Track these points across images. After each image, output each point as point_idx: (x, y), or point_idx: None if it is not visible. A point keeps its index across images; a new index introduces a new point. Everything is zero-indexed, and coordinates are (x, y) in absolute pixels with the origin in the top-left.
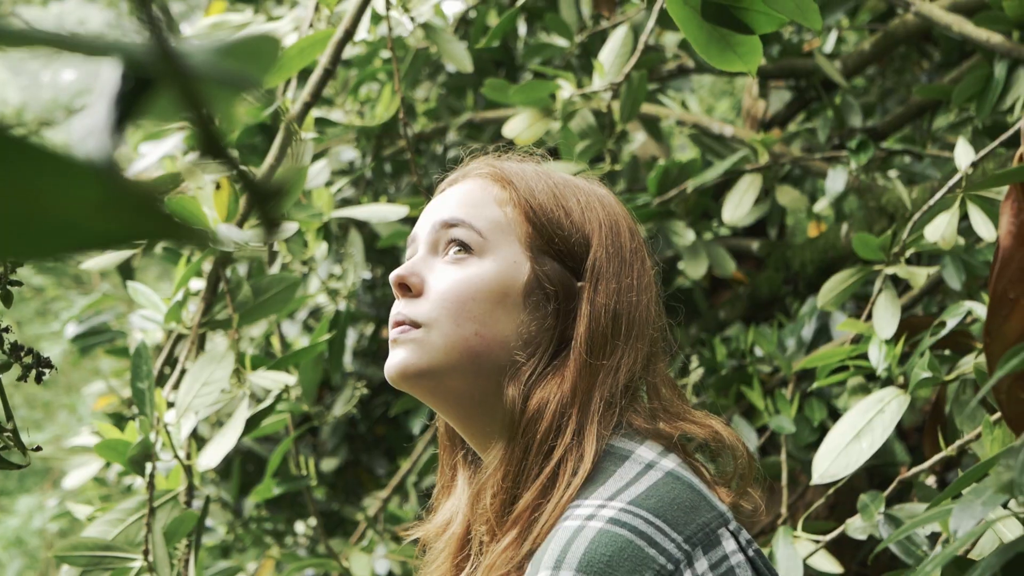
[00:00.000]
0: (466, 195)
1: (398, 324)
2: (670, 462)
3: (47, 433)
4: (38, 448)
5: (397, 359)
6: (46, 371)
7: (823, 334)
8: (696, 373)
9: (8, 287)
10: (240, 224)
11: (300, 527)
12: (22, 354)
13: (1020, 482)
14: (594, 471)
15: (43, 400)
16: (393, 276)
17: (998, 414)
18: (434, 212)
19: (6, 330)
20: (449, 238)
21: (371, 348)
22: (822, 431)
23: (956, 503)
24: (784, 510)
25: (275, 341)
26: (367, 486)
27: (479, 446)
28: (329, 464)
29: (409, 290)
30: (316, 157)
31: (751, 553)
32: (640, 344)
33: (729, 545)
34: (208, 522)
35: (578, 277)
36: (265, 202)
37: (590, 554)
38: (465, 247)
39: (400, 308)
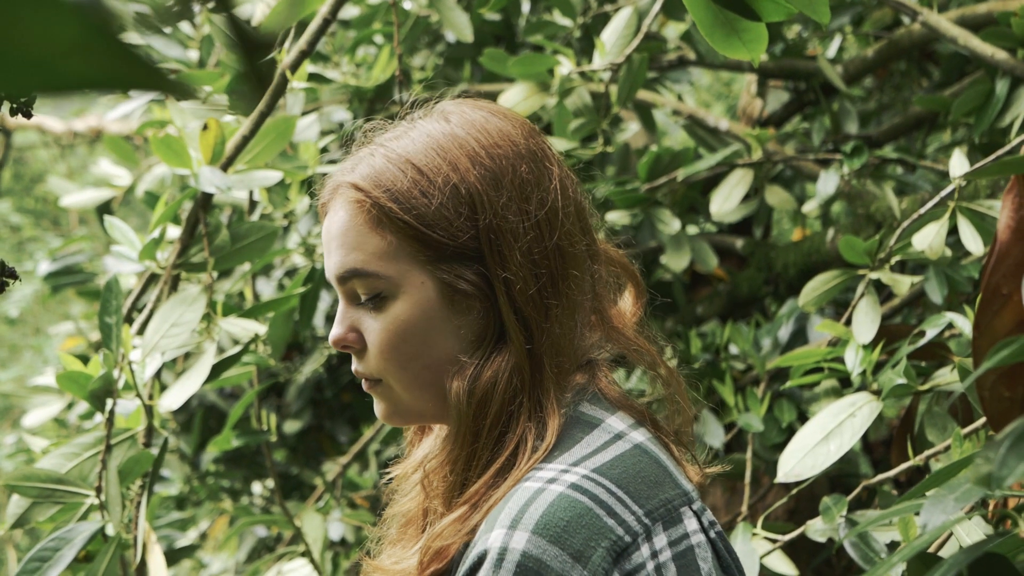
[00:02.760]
0: (344, 235)
1: (360, 377)
2: (640, 435)
3: (11, 372)
4: None
5: (377, 410)
6: (10, 281)
7: (800, 337)
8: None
9: None
10: (225, 168)
11: (257, 487)
12: None
13: (999, 475)
14: (561, 436)
15: (9, 342)
16: (331, 342)
17: (969, 427)
18: (330, 264)
19: None
20: (356, 290)
21: None
22: (789, 432)
23: (927, 498)
24: (745, 508)
25: (248, 293)
26: (328, 452)
27: None
28: (292, 427)
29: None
30: (307, 114)
31: (712, 535)
32: (573, 283)
33: (691, 524)
34: (165, 473)
35: (482, 259)
36: (254, 51)
37: (547, 517)
38: (375, 296)
39: (355, 365)
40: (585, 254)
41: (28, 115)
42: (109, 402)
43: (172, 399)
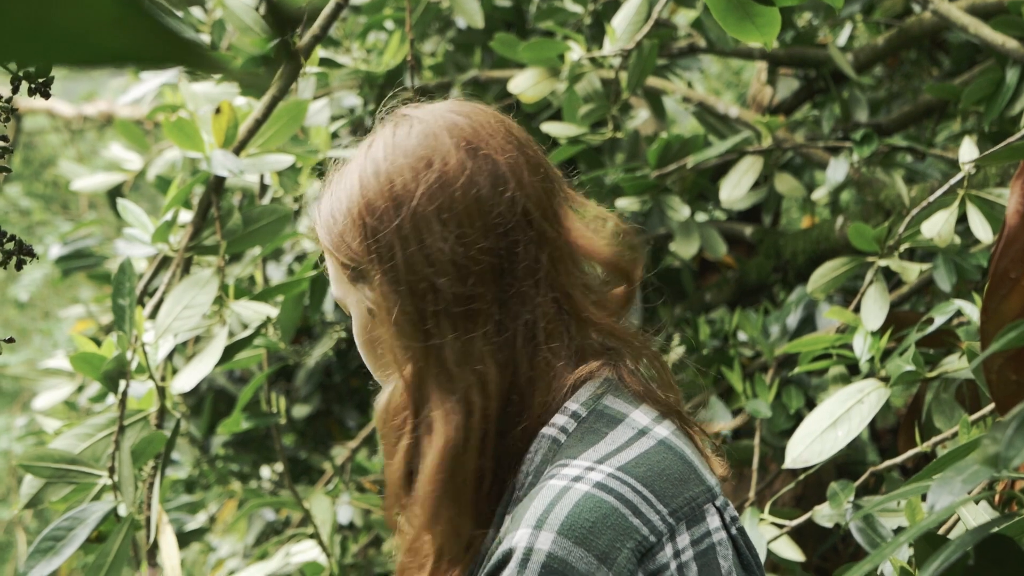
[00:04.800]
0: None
1: None
2: (664, 430)
3: (21, 356)
4: (11, 340)
5: None
6: (27, 259)
7: (808, 324)
8: (676, 351)
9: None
10: (237, 152)
11: (266, 471)
12: (4, 240)
13: (1006, 456)
14: (585, 431)
15: (19, 325)
16: None
17: (977, 413)
18: None
19: None
20: None
21: None
22: (797, 419)
23: (935, 479)
24: (752, 494)
25: (258, 276)
26: (337, 436)
27: None
28: (301, 411)
29: None
30: (317, 98)
31: (734, 531)
32: (454, 289)
33: (713, 522)
34: (175, 456)
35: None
36: (285, 26)
37: (573, 517)
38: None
39: None
40: (491, 253)
41: (46, 95)
42: (122, 383)
43: (185, 381)
